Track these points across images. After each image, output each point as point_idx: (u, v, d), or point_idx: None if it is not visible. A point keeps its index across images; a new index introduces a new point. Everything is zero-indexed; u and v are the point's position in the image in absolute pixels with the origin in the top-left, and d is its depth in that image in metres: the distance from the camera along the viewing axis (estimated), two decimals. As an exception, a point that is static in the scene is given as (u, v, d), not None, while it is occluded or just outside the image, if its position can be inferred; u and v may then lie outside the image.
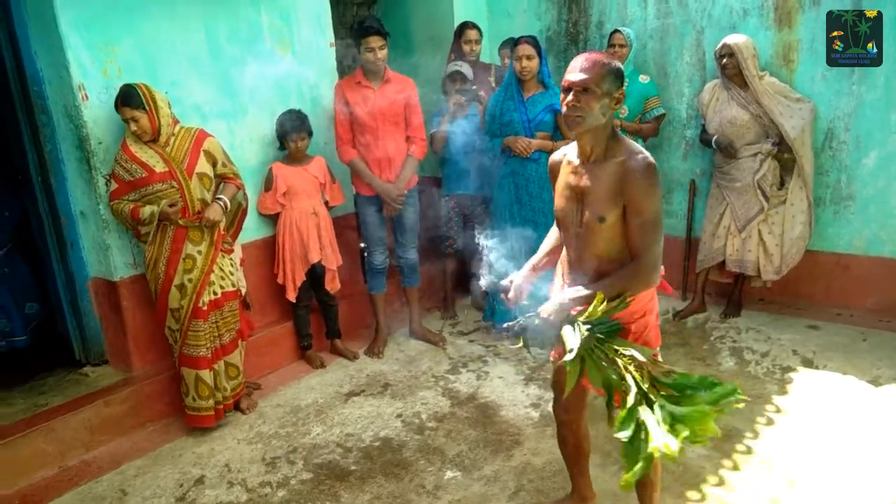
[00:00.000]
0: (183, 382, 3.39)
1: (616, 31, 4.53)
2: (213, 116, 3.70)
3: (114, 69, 3.29)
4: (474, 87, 4.41)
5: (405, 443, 3.31)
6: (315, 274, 4.02)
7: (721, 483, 2.86)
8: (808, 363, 3.86)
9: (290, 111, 3.88)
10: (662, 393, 1.90)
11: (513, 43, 4.17)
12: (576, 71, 2.07)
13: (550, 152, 2.99)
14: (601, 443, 3.02)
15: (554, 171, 2.36)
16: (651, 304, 2.26)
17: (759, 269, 4.33)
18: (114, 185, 3.22)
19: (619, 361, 1.96)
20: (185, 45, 3.56)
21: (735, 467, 2.95)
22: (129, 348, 3.54)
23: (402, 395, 3.79)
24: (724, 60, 4.14)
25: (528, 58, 3.98)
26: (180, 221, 3.23)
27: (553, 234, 2.51)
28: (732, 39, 4.11)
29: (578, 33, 5.22)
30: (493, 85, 4.64)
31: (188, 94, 3.58)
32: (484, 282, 2.48)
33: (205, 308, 3.32)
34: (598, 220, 2.12)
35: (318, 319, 4.27)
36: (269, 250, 4.04)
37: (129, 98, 3.10)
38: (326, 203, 4.05)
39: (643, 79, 4.58)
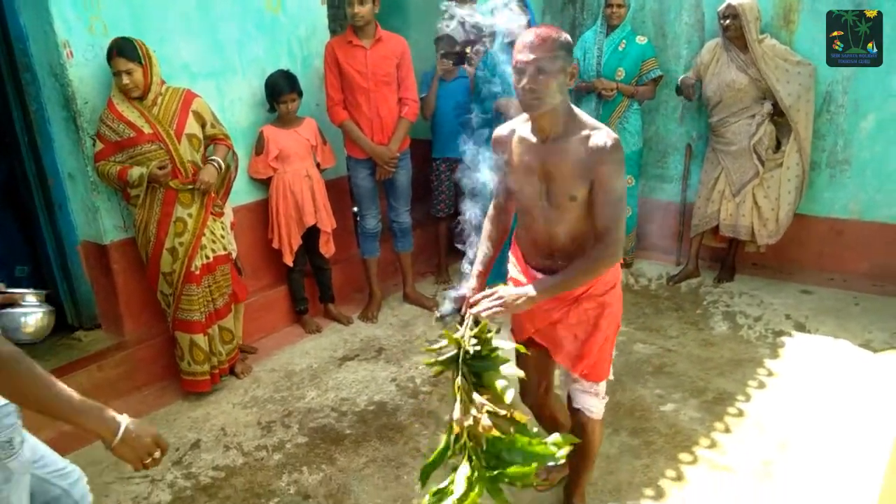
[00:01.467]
0: (178, 347, 3.37)
1: (615, -10, 4.43)
2: (201, 76, 3.61)
3: (99, 26, 3.18)
4: (467, 48, 4.32)
5: (399, 407, 3.32)
6: (309, 237, 3.98)
7: (713, 445, 2.89)
8: (801, 327, 3.88)
9: (280, 72, 3.79)
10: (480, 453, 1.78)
11: None
12: (527, 50, 1.94)
13: None
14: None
15: (500, 146, 2.21)
16: (618, 272, 2.27)
17: (753, 233, 4.33)
18: (99, 146, 3.14)
19: (474, 399, 1.84)
20: (174, 2, 3.44)
21: (727, 430, 2.98)
22: (121, 312, 3.51)
23: (397, 359, 3.79)
24: (727, 22, 4.06)
25: None
26: (172, 184, 3.17)
27: (488, 230, 2.35)
28: (737, 0, 4.03)
29: (576, -8, 5.12)
30: (488, 46, 4.54)
31: (176, 52, 3.48)
32: (446, 305, 2.38)
33: (197, 272, 3.29)
34: (570, 199, 2.06)
35: (310, 284, 4.24)
36: (260, 214, 3.98)
37: (124, 49, 3.01)
38: (318, 165, 3.99)
39: (640, 40, 4.49)
